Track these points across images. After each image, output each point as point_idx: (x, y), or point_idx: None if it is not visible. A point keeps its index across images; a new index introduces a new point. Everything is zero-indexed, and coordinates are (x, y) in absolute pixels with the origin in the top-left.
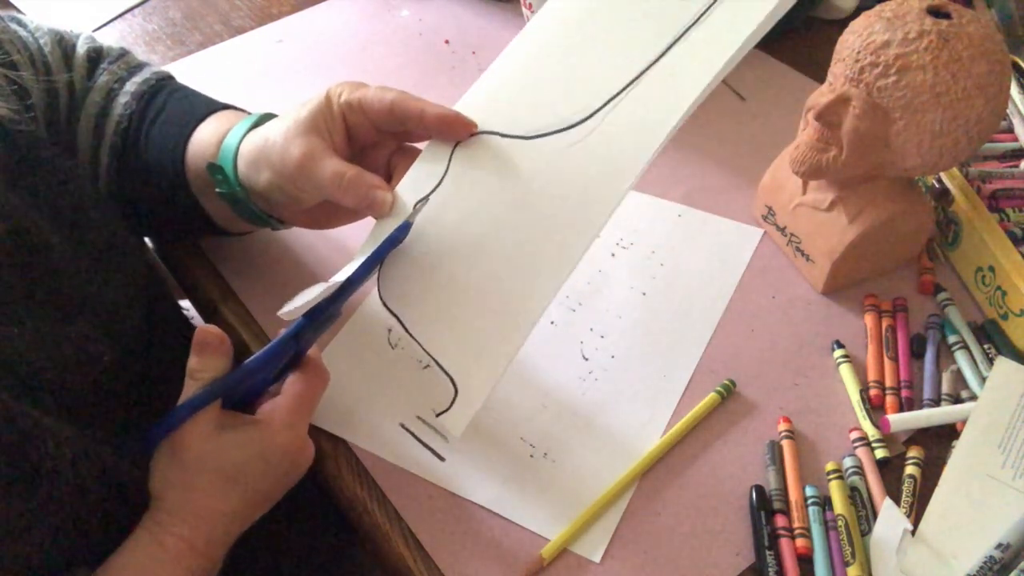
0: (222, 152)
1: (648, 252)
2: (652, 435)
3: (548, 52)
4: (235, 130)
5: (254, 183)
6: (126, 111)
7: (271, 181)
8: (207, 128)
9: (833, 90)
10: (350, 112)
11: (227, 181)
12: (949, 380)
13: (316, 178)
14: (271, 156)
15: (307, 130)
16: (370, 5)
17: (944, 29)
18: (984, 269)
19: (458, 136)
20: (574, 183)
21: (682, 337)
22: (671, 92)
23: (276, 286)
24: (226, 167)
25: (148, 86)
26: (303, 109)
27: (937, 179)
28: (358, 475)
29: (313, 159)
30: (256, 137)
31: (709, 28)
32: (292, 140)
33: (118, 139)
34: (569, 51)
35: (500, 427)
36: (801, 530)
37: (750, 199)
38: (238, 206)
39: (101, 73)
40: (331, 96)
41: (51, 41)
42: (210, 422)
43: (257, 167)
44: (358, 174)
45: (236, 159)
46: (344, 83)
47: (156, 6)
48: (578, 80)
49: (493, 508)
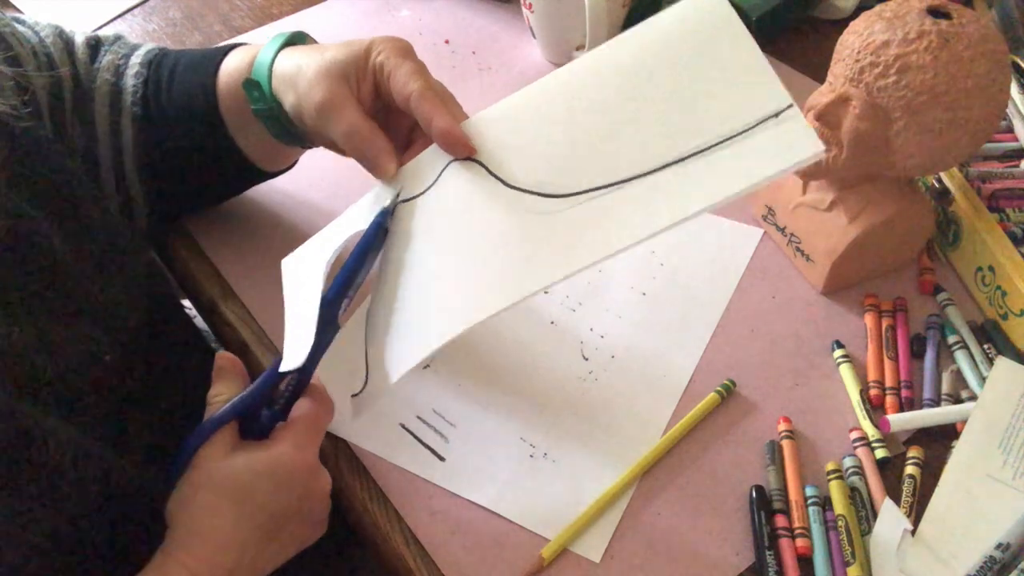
0: (256, 68)
1: (648, 252)
2: (652, 435)
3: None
4: (266, 48)
5: (284, 102)
6: (139, 80)
7: (294, 105)
8: (233, 60)
9: (833, 90)
10: (380, 74)
11: (263, 96)
12: (949, 380)
13: (332, 124)
14: (299, 85)
15: (337, 74)
16: (370, 5)
17: (944, 29)
18: (984, 269)
19: (453, 154)
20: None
21: (682, 337)
22: (647, 210)
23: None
24: (262, 82)
25: (153, 55)
26: (341, 51)
27: (937, 179)
28: (358, 475)
29: (333, 106)
30: (291, 59)
31: (711, 164)
32: (320, 80)
33: (138, 108)
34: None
35: (500, 427)
36: (801, 530)
37: (750, 199)
38: (273, 124)
39: (104, 55)
40: (371, 50)
41: (52, 34)
42: (223, 443)
43: (287, 88)
44: (370, 133)
45: (271, 75)
46: (389, 41)
47: (156, 6)
48: (577, 155)
49: (493, 508)
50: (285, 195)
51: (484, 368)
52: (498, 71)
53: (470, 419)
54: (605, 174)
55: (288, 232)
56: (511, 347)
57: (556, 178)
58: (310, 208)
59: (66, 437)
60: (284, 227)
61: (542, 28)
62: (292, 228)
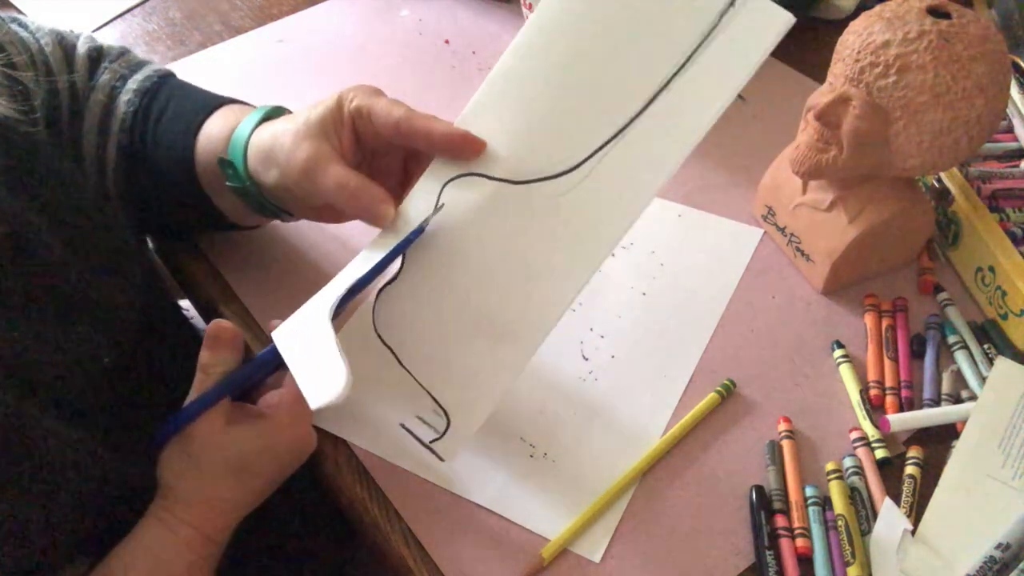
0: (232, 146)
1: (648, 252)
2: (652, 435)
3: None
4: (244, 124)
5: (263, 179)
6: (130, 108)
7: (278, 180)
8: (215, 123)
9: (833, 90)
10: (359, 119)
11: (237, 175)
12: (949, 380)
13: (320, 184)
14: (279, 156)
15: (315, 134)
16: (370, 5)
17: (944, 29)
18: (984, 269)
19: (466, 157)
20: (564, 232)
21: (682, 337)
22: (657, 149)
23: (276, 286)
24: (236, 162)
25: (151, 83)
26: (314, 111)
27: (937, 179)
28: (358, 475)
29: (318, 165)
30: (266, 134)
31: (695, 78)
32: (300, 143)
33: (124, 136)
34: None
35: (500, 427)
36: (801, 530)
37: (750, 199)
38: (248, 199)
39: (103, 72)
40: (342, 100)
41: (52, 41)
42: (220, 416)
43: (266, 164)
44: (361, 184)
45: (246, 153)
46: (358, 88)
47: (156, 6)
48: (568, 121)
49: (493, 508)
50: None
51: None
52: None
53: None
54: (601, 129)
55: (289, 233)
56: None
57: (556, 154)
58: None
59: (65, 438)
60: (284, 227)
61: None
62: (292, 229)
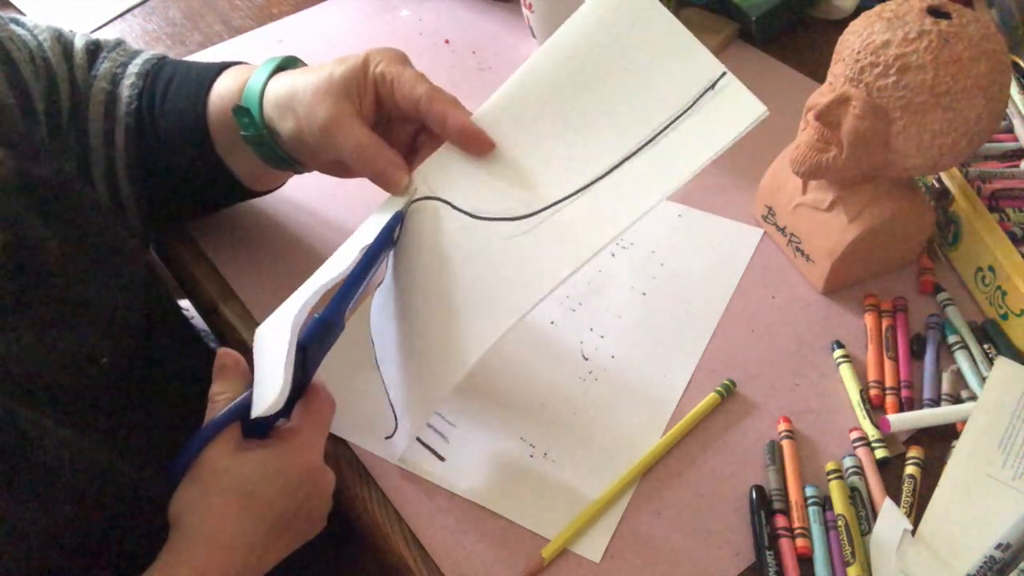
0: (246, 93)
1: (648, 252)
2: (652, 435)
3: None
4: (258, 73)
5: (278, 128)
6: (134, 91)
7: (294, 130)
8: (224, 81)
9: (833, 90)
10: (382, 85)
11: (253, 123)
12: (949, 380)
13: (338, 143)
14: (297, 108)
15: (338, 91)
16: (370, 5)
17: (944, 29)
18: (984, 269)
19: (474, 151)
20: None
21: (682, 337)
22: (609, 211)
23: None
24: (252, 108)
25: (151, 65)
26: (338, 68)
27: (937, 179)
28: (358, 475)
29: (339, 124)
30: (284, 82)
31: (662, 151)
32: (321, 99)
33: (131, 119)
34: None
35: (500, 427)
36: (801, 530)
37: (750, 199)
38: (263, 150)
39: (102, 61)
40: (369, 62)
41: (50, 37)
42: (230, 442)
43: (282, 113)
44: (379, 148)
45: (262, 101)
46: (385, 52)
47: (156, 6)
48: (535, 169)
49: (493, 508)
50: (285, 196)
51: (484, 368)
52: (498, 71)
53: (470, 419)
54: (563, 184)
55: (288, 232)
56: (511, 347)
57: (518, 198)
58: (310, 209)
59: (64, 439)
60: (284, 227)
61: (542, 28)
62: (292, 228)
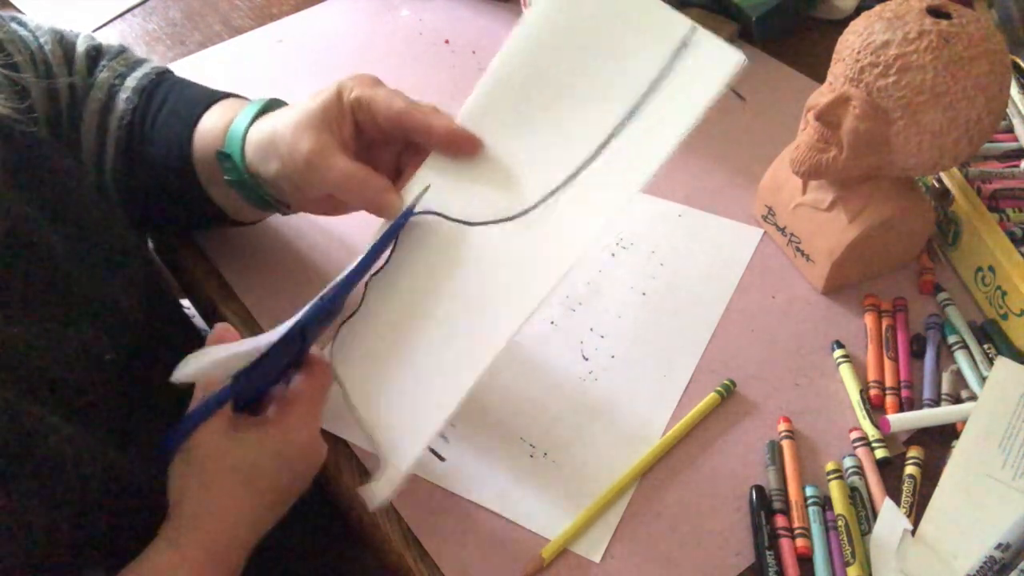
0: (229, 139)
1: (648, 252)
2: (652, 435)
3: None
4: (241, 117)
5: (262, 172)
6: (128, 106)
7: (279, 172)
8: (212, 117)
9: (833, 90)
10: (359, 109)
11: (235, 168)
12: (949, 380)
13: (324, 175)
14: (280, 148)
15: (317, 124)
16: (370, 5)
17: (944, 29)
18: (984, 269)
19: (464, 153)
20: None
21: (682, 337)
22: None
23: (276, 286)
24: (234, 154)
25: (148, 80)
26: (313, 101)
27: (937, 179)
28: (358, 475)
29: (322, 156)
30: (265, 125)
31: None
32: (301, 134)
33: (122, 133)
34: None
35: (500, 427)
36: (801, 530)
37: (750, 199)
38: (246, 192)
39: (101, 70)
40: (342, 90)
41: (52, 40)
42: (223, 423)
43: (265, 157)
44: (367, 176)
45: (244, 146)
46: (357, 77)
47: (156, 6)
48: (523, 164)
49: (493, 508)
50: None
51: None
52: None
53: (470, 419)
54: (555, 173)
55: (289, 232)
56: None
57: (511, 197)
58: None
59: (67, 435)
60: (284, 227)
61: None
62: (292, 228)
